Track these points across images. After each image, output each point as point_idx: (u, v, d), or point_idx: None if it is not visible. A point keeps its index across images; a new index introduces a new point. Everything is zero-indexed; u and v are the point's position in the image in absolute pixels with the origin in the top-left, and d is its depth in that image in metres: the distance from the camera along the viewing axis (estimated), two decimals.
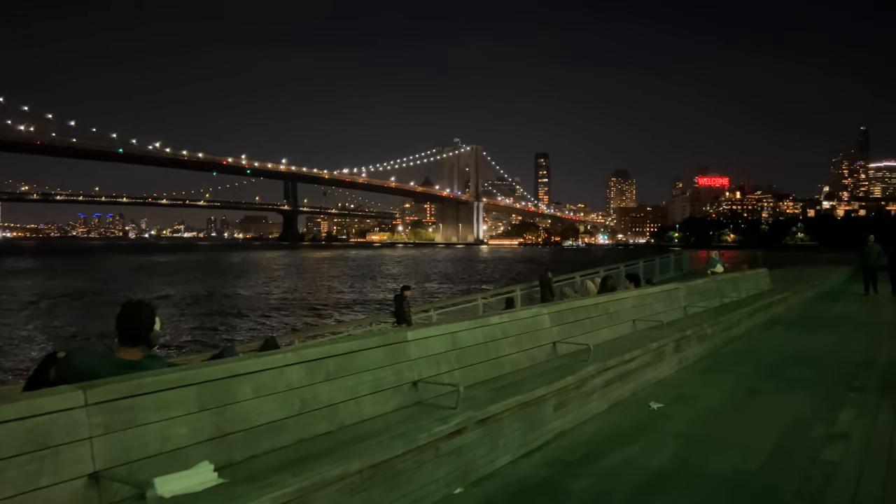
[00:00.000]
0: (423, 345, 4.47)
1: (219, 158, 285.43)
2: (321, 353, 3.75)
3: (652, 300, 8.52)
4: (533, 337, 5.73)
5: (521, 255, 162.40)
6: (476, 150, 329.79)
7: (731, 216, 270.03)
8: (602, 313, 7.09)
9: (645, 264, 28.45)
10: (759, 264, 30.76)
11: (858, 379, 7.15)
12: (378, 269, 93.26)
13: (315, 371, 3.67)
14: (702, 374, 7.36)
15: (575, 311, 6.55)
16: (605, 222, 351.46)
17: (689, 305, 9.56)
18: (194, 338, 28.48)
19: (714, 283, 11.36)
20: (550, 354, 5.90)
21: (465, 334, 4.90)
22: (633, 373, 6.44)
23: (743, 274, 13.59)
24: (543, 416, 4.88)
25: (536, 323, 5.85)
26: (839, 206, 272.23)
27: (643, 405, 6.00)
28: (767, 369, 7.70)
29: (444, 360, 4.61)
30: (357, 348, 3.97)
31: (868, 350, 9.05)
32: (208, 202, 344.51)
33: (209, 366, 3.29)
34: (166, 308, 40.54)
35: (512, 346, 5.40)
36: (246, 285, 60.52)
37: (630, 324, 7.64)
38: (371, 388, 3.97)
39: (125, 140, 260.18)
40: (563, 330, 6.20)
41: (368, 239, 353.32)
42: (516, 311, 5.76)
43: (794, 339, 10.07)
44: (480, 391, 4.60)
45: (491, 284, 60.32)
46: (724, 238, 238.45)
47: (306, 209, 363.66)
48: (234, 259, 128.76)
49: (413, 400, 4.24)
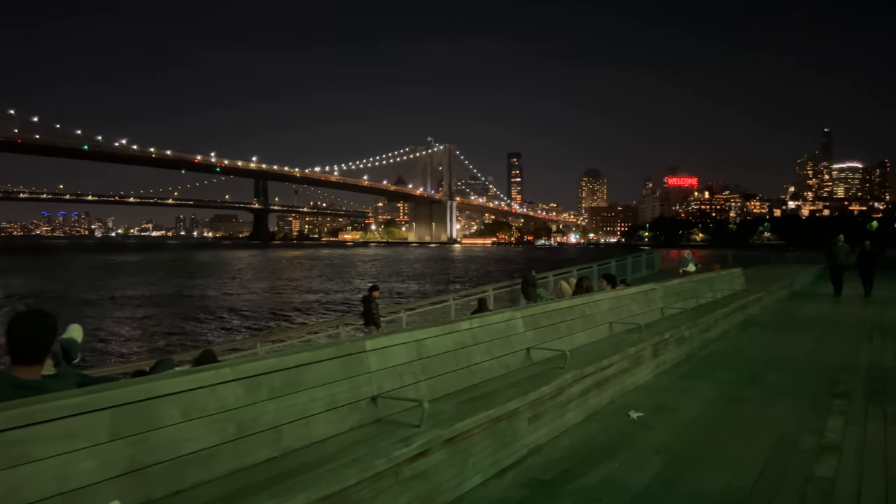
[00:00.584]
0: (384, 355, 4.03)
1: (188, 156, 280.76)
2: (264, 367, 3.27)
3: (629, 301, 8.20)
4: (506, 343, 5.32)
5: (494, 255, 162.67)
6: (449, 149, 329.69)
7: (700, 216, 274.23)
8: (578, 316, 6.72)
9: (617, 263, 28.34)
10: (730, 263, 30.96)
11: (841, 384, 6.90)
12: (350, 269, 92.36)
13: (256, 388, 3.20)
14: (681, 381, 7.03)
15: (550, 314, 6.16)
16: (576, 222, 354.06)
17: (666, 307, 9.26)
18: (145, 345, 26.98)
19: (690, 283, 11.11)
20: (525, 361, 5.50)
21: (431, 342, 4.46)
22: (611, 379, 6.08)
23: (718, 274, 13.41)
24: (517, 430, 4.48)
25: (510, 328, 5.44)
26: (804, 205, 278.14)
27: (622, 414, 5.64)
28: (748, 375, 7.41)
29: (407, 372, 4.17)
30: (307, 361, 3.50)
31: (846, 353, 8.85)
32: (177, 200, 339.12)
33: (126, 386, 2.81)
34: (124, 310, 39.28)
35: (483, 353, 4.98)
36: (211, 286, 59.05)
37: (607, 327, 7.29)
38: (324, 405, 3.51)
39: (90, 137, 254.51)
40: (537, 335, 5.80)
41: (341, 238, 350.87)
42: (488, 315, 5.35)
43: (771, 342, 9.86)
44: (448, 405, 4.18)
45: (464, 284, 60.08)
46: (693, 237, 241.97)
47: (277, 208, 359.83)
48: (202, 258, 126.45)
49: (372, 417, 3.80)
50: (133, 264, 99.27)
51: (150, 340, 27.96)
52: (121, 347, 25.84)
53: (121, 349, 25.38)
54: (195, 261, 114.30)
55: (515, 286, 20.19)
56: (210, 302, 44.52)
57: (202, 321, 34.32)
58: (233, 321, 34.61)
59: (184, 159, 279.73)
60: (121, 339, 27.91)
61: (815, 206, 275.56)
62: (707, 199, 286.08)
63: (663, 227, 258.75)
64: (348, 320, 14.28)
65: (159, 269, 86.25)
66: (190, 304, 42.58)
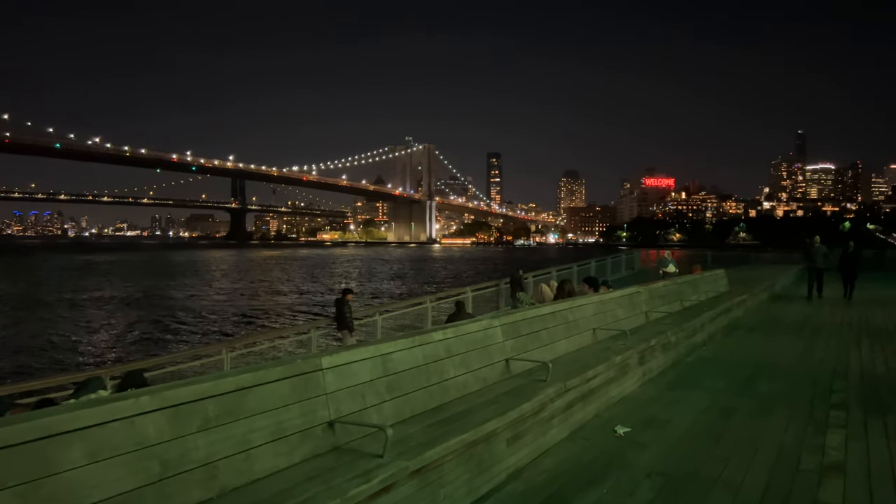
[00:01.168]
0: (344, 373, 3.54)
1: (163, 155, 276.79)
2: (194, 393, 2.77)
3: (613, 306, 7.79)
4: (483, 354, 4.86)
5: (473, 255, 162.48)
6: (428, 149, 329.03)
7: (677, 216, 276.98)
8: (560, 323, 6.29)
9: (597, 264, 28.09)
10: (709, 264, 30.91)
11: (836, 393, 6.56)
12: (327, 269, 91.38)
13: (185, 419, 2.70)
14: (669, 391, 6.64)
15: (530, 321, 5.72)
16: (555, 222, 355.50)
17: (651, 311, 8.88)
18: (93, 353, 25.19)
19: (674, 286, 10.76)
20: (504, 374, 5.04)
21: (399, 356, 3.98)
22: (597, 391, 5.66)
23: (702, 276, 13.10)
24: (494, 452, 4.02)
25: (487, 337, 4.98)
26: (778, 206, 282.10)
27: (608, 430, 5.21)
28: (738, 383, 7.05)
29: (371, 391, 3.69)
30: (249, 384, 3.00)
31: (837, 358, 8.55)
32: (152, 200, 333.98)
33: (14, 423, 2.29)
34: (84, 313, 37.95)
35: (458, 366, 4.51)
36: (181, 287, 57.55)
37: (591, 333, 6.87)
38: (270, 434, 3.02)
39: (62, 135, 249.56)
40: (517, 344, 5.35)
41: (319, 238, 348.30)
42: (463, 324, 4.87)
43: (759, 346, 9.53)
44: (417, 428, 3.70)
45: (442, 285, 59.65)
46: (670, 237, 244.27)
47: (255, 207, 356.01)
48: (177, 258, 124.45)
49: (328, 445, 3.31)
50: (104, 264, 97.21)
51: (101, 347, 26.46)
52: (62, 355, 24.17)
53: (62, 357, 23.74)
54: (168, 261, 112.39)
55: (494, 288, 19.78)
56: (177, 304, 43.24)
57: (165, 325, 32.87)
58: (198, 325, 33.18)
59: (159, 158, 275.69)
60: (67, 346, 26.28)
61: (789, 207, 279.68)
62: (684, 200, 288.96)
63: (641, 228, 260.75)
64: (320, 324, 13.72)
65: (130, 269, 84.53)
66: (156, 307, 41.13)
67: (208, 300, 46.36)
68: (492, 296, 19.56)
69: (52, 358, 23.32)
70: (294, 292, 53.93)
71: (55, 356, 23.72)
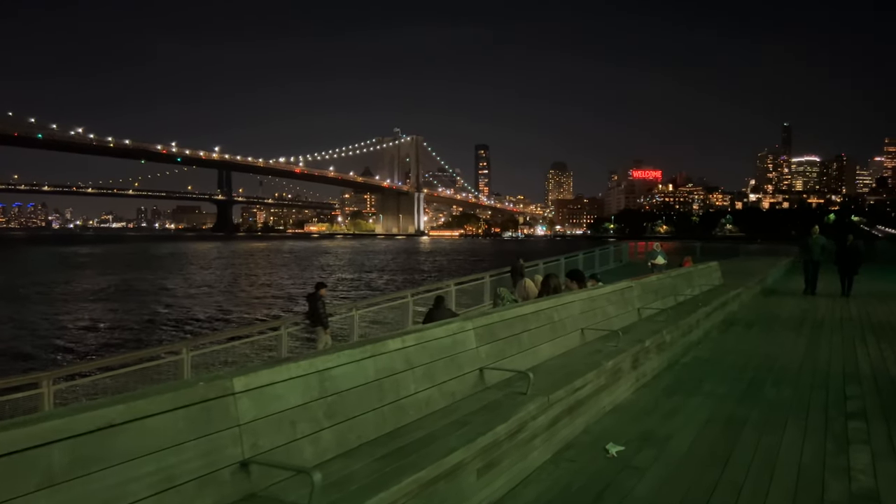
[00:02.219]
0: (265, 396, 2.78)
1: (147, 146, 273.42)
2: (32, 437, 2.00)
3: (603, 303, 7.07)
4: (452, 364, 4.11)
5: (461, 247, 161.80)
6: (416, 141, 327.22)
7: (664, 208, 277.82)
8: (544, 323, 5.56)
9: (585, 256, 27.49)
10: (698, 255, 30.38)
11: (851, 400, 5.89)
12: (313, 261, 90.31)
13: (20, 472, 1.94)
14: (666, 397, 5.94)
15: (510, 323, 4.97)
16: (543, 214, 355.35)
17: (643, 307, 8.18)
18: (26, 353, 23.27)
19: (668, 279, 10.07)
20: (476, 386, 4.30)
21: (343, 371, 3.23)
22: (585, 402, 4.94)
23: (696, 269, 12.43)
24: (463, 487, 3.29)
25: (457, 343, 4.23)
26: (764, 198, 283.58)
27: (598, 449, 4.50)
28: (742, 387, 6.37)
29: (304, 417, 2.93)
30: (122, 419, 2.23)
31: (844, 358, 7.91)
32: (137, 191, 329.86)
33: None
34: (42, 306, 36.55)
35: (421, 380, 3.77)
36: (158, 280, 55.91)
37: (578, 334, 6.15)
38: (152, 486, 2.25)
39: (45, 125, 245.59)
40: (493, 350, 4.61)
41: (307, 230, 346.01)
42: (428, 328, 4.12)
43: (758, 344, 8.87)
44: (363, 463, 2.95)
45: (429, 277, 58.97)
46: (658, 229, 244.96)
47: (242, 199, 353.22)
48: (161, 251, 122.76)
49: (240, 493, 2.55)
50: (83, 257, 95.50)
51: (54, 346, 24.64)
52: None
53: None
54: (150, 253, 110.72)
55: (479, 281, 19.06)
56: (149, 297, 41.83)
57: (128, 322, 31.16)
58: (164, 321, 31.47)
59: (143, 149, 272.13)
60: (14, 345, 24.65)
61: (774, 199, 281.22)
62: (671, 192, 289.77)
63: (628, 220, 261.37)
64: (294, 320, 12.93)
65: (109, 262, 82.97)
66: (124, 301, 39.68)
67: (182, 293, 45.03)
68: (477, 290, 18.87)
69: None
70: (275, 284, 52.81)
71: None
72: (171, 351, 9.85)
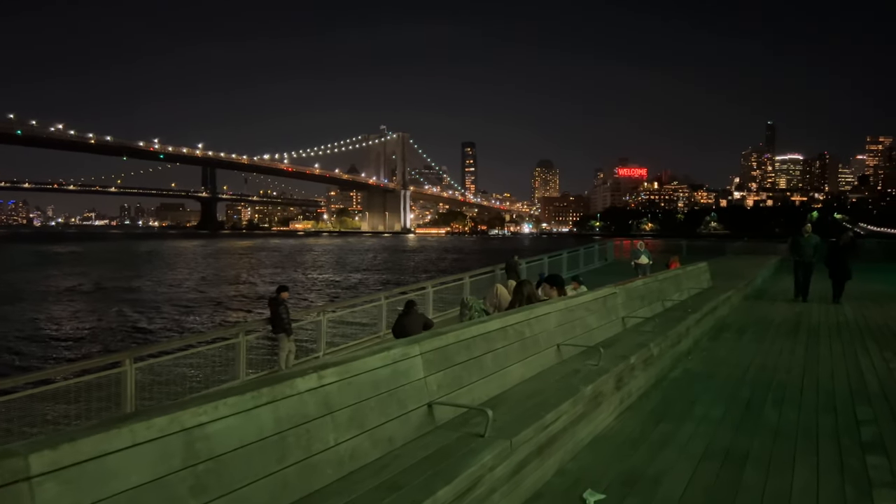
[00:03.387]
0: (86, 478, 1.94)
1: (129, 142, 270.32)
2: None
3: (583, 312, 6.28)
4: (390, 401, 3.30)
5: (447, 245, 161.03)
6: (403, 138, 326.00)
7: (650, 205, 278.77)
8: (513, 341, 4.76)
9: (569, 255, 26.80)
10: (683, 254, 29.81)
11: (864, 425, 5.15)
12: (296, 259, 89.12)
13: None
14: (653, 424, 5.16)
15: (469, 343, 4.16)
16: (530, 211, 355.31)
17: (629, 315, 7.42)
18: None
19: (655, 283, 9.31)
20: (422, 427, 3.49)
21: (224, 426, 2.39)
22: (560, 436, 4.15)
23: (685, 270, 11.69)
24: None
25: (398, 374, 3.42)
26: (749, 196, 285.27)
27: (574, 498, 3.71)
28: (738, 409, 5.62)
29: (160, 499, 2.11)
30: None
31: (847, 370, 7.19)
32: (120, 188, 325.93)
33: None
34: (21, 304, 35.30)
35: (343, 427, 2.95)
36: (133, 278, 54.32)
37: (554, 351, 5.36)
38: None
39: (24, 121, 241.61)
40: (447, 379, 3.80)
41: (292, 227, 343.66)
42: (359, 359, 3.26)
43: (752, 354, 8.14)
44: None
45: (411, 277, 58.17)
46: (643, 227, 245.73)
47: (226, 196, 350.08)
48: (141, 249, 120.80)
49: None
50: (61, 255, 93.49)
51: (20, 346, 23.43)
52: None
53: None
54: (130, 251, 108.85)
55: (460, 282, 18.26)
56: (112, 297, 39.84)
57: (78, 324, 29.38)
58: (120, 325, 29.34)
59: (125, 145, 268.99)
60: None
61: (759, 197, 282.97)
62: (656, 190, 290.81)
63: (614, 217, 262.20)
64: (254, 326, 12.04)
65: (85, 259, 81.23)
66: (85, 300, 38.08)
67: (149, 293, 43.33)
68: (457, 292, 18.06)
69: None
70: (248, 284, 51.30)
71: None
72: (111, 363, 8.94)
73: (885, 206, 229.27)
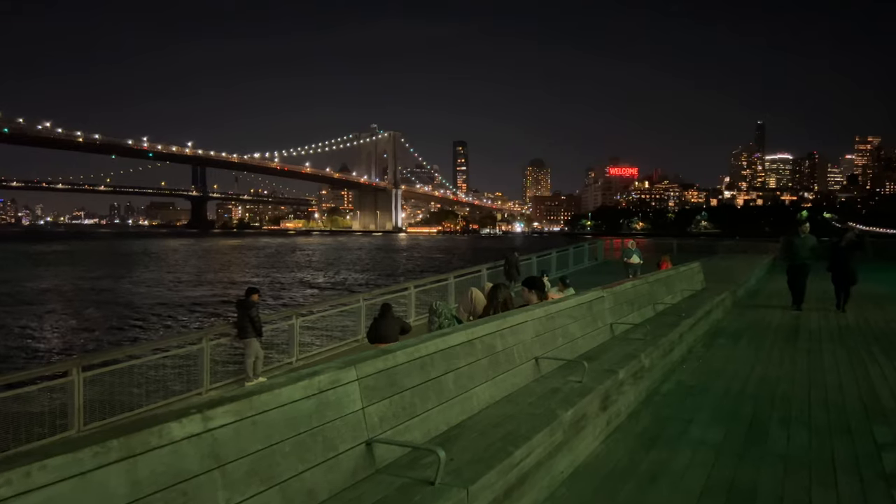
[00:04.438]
0: None
1: (118, 141, 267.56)
2: None
3: (566, 319, 5.62)
4: (313, 443, 2.61)
5: (438, 244, 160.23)
6: (394, 137, 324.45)
7: (640, 205, 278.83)
8: (482, 356, 4.08)
9: (558, 254, 26.19)
10: (674, 253, 29.23)
11: (886, 450, 4.50)
12: (285, 259, 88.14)
13: None
14: (644, 451, 4.50)
15: (425, 362, 3.48)
16: (521, 210, 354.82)
17: (617, 321, 6.77)
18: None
19: (646, 285, 8.65)
20: (357, 473, 2.80)
21: (43, 500, 1.71)
22: (533, 473, 3.48)
23: (678, 271, 11.03)
24: None
25: (326, 406, 2.73)
26: (739, 195, 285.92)
27: None
28: (740, 431, 4.97)
29: None
30: None
31: (858, 382, 6.57)
32: (109, 187, 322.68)
33: None
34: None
35: (241, 483, 2.26)
36: (109, 277, 52.96)
37: (531, 366, 4.69)
38: None
39: (11, 119, 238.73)
40: (393, 409, 3.12)
41: (283, 226, 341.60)
42: (266, 390, 2.58)
43: (751, 363, 7.50)
44: None
45: (397, 276, 57.45)
46: (634, 226, 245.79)
47: (216, 195, 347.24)
48: (128, 248, 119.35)
49: None
50: (45, 254, 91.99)
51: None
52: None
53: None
54: (116, 250, 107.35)
55: (444, 282, 17.58)
56: (82, 297, 38.85)
57: (36, 326, 28.12)
58: (80, 328, 27.82)
59: (114, 144, 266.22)
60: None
61: (749, 196, 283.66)
62: (647, 189, 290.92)
63: (605, 216, 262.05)
64: (221, 330, 11.31)
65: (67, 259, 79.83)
66: (53, 301, 36.73)
67: (123, 293, 41.91)
68: (441, 291, 17.41)
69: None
70: (229, 285, 49.83)
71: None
72: (57, 373, 8.20)
73: (873, 206, 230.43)
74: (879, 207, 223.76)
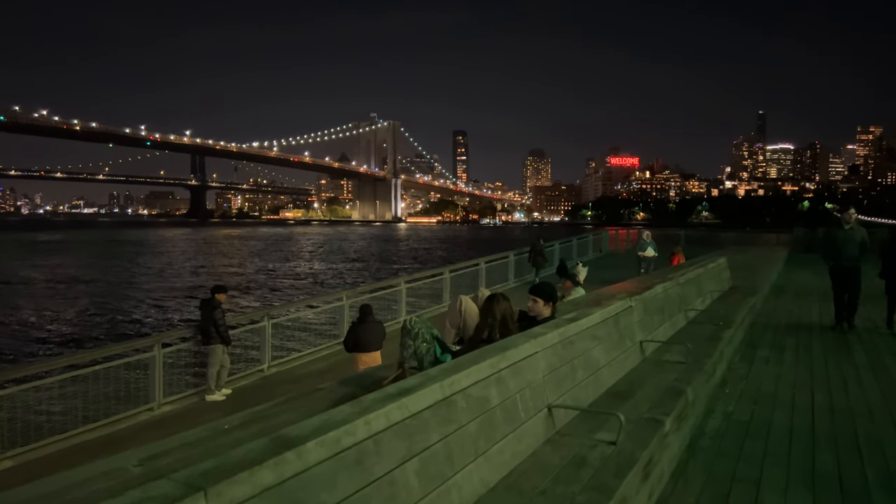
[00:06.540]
0: None
1: (115, 129, 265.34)
2: None
3: (587, 342, 4.17)
4: None
5: (438, 234, 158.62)
6: (394, 126, 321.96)
7: (641, 195, 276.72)
8: (469, 419, 2.65)
9: (561, 246, 24.74)
10: (682, 244, 27.74)
11: None
12: (282, 249, 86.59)
13: None
14: None
15: (359, 456, 2.04)
16: (521, 201, 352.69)
17: (647, 337, 5.33)
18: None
19: (676, 287, 7.15)
20: None
21: None
22: None
23: (706, 269, 9.50)
24: None
25: None
26: (740, 185, 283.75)
27: None
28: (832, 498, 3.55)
29: None
30: None
31: None
32: (108, 176, 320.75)
33: None
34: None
35: None
36: (91, 268, 51.04)
37: (542, 420, 3.25)
38: None
39: (6, 107, 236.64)
40: None
41: (282, 216, 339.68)
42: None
43: (807, 384, 6.06)
44: None
45: (394, 267, 56.01)
46: (635, 216, 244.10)
47: (216, 184, 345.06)
48: (128, 237, 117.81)
49: None
50: (41, 244, 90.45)
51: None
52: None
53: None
54: (112, 240, 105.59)
55: (436, 278, 16.11)
56: (53, 290, 37.03)
57: (28, 318, 26.33)
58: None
59: (111, 132, 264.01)
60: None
61: (750, 186, 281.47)
62: (648, 179, 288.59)
63: (606, 207, 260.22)
64: (179, 334, 9.89)
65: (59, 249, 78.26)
66: (20, 294, 34.99)
67: (101, 286, 39.80)
68: (434, 287, 15.99)
69: None
70: (217, 277, 47.79)
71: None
72: None
73: (875, 196, 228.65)
74: (881, 198, 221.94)
